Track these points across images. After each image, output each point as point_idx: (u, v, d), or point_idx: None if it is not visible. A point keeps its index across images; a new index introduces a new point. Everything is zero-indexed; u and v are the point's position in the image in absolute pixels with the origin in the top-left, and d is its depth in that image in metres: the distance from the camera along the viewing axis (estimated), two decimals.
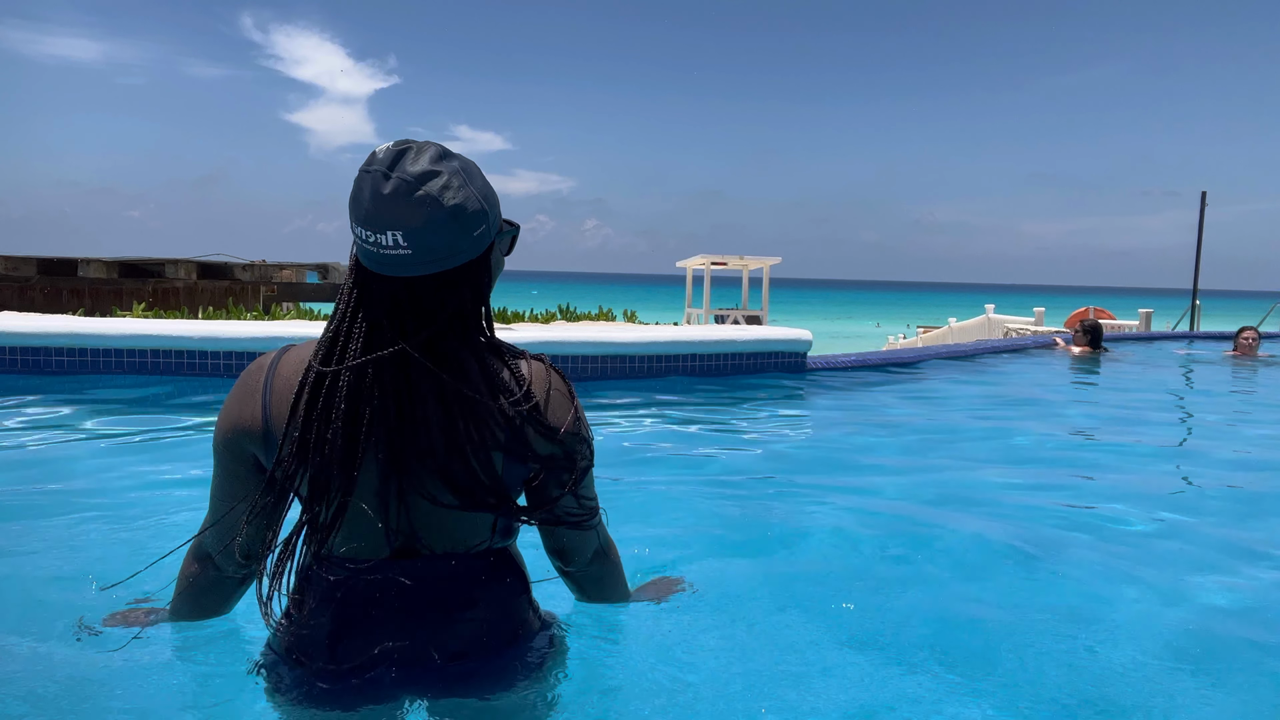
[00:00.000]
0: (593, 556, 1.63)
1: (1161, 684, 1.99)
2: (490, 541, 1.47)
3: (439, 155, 1.32)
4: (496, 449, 1.37)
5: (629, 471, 3.89)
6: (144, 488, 3.32)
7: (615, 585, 1.72)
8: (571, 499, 1.49)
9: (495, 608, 1.49)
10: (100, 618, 1.83)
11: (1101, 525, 3.19)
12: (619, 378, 6.30)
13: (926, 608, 2.35)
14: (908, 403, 6.21)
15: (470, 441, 1.34)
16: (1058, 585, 2.58)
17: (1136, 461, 4.43)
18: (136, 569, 2.48)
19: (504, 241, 1.44)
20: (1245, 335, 9.91)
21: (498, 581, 1.50)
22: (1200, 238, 16.18)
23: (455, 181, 1.30)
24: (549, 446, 1.43)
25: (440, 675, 1.42)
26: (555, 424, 1.43)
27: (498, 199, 1.40)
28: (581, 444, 1.47)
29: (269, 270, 13.40)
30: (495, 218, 1.37)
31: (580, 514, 1.52)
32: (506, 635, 1.50)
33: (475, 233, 1.32)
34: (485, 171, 1.41)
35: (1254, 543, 3.00)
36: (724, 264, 15.15)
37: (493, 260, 1.40)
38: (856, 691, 1.87)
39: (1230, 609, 2.44)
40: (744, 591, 2.42)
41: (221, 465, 1.48)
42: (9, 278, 11.78)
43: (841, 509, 3.28)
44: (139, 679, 1.74)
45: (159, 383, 5.57)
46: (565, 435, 1.44)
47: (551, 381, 1.47)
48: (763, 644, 2.07)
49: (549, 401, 1.44)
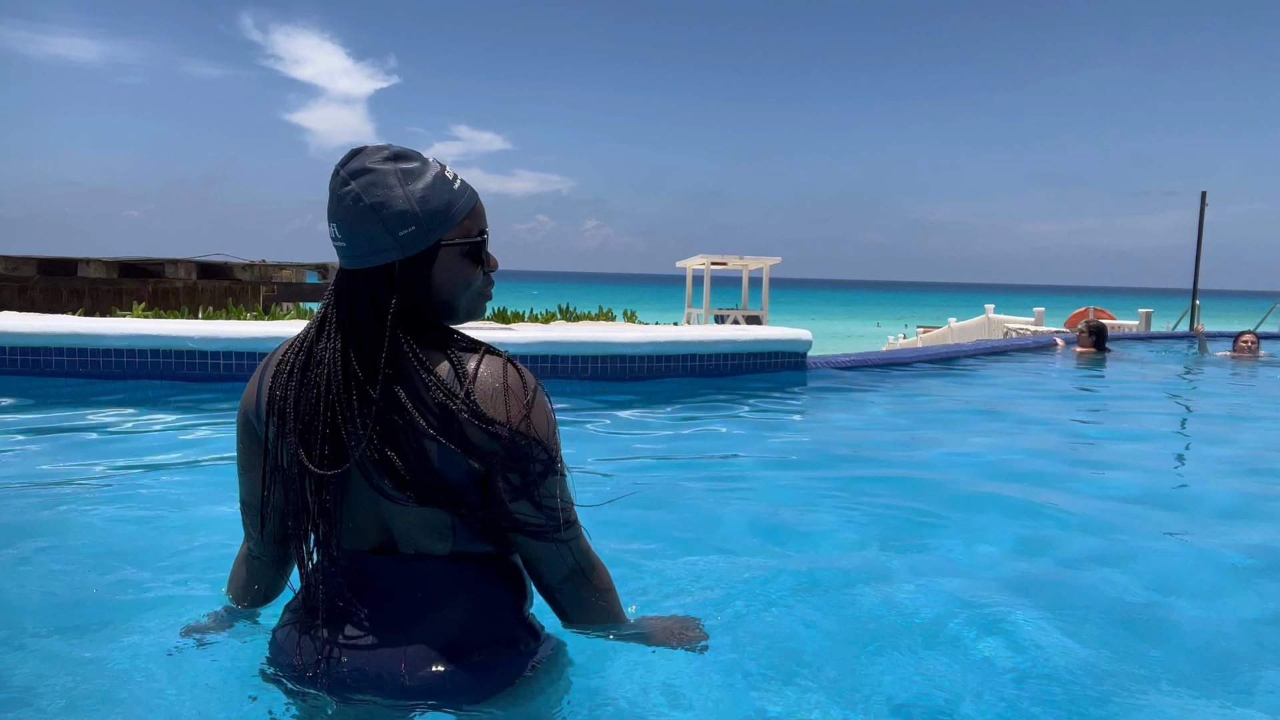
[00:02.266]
0: (568, 575, 1.52)
1: (1163, 682, 1.99)
2: (454, 543, 1.45)
3: (387, 156, 1.39)
4: (426, 438, 1.36)
5: (628, 471, 3.89)
6: (144, 488, 3.32)
7: (598, 612, 1.58)
8: (527, 504, 1.42)
9: (465, 615, 1.47)
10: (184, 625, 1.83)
11: (1104, 526, 3.19)
12: (619, 378, 6.29)
13: (926, 607, 2.35)
14: (908, 403, 6.21)
15: (399, 430, 1.36)
16: (1061, 585, 2.57)
17: (1140, 460, 4.43)
18: (137, 568, 2.48)
19: (456, 251, 1.42)
20: (1244, 340, 10.00)
21: (472, 589, 1.48)
22: (1200, 238, 16.19)
23: (389, 180, 1.36)
24: (488, 441, 1.37)
25: (398, 680, 1.42)
26: (494, 416, 1.37)
27: (451, 208, 1.40)
28: (532, 444, 1.39)
29: (269, 270, 13.40)
30: (434, 223, 1.38)
31: (537, 521, 1.43)
32: (474, 646, 1.46)
33: (400, 233, 1.36)
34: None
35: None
36: (724, 264, 15.15)
37: (440, 266, 1.41)
38: (857, 692, 1.87)
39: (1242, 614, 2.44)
40: (743, 592, 2.42)
41: (238, 442, 1.58)
42: (9, 278, 11.77)
43: (842, 509, 3.28)
44: (161, 680, 1.74)
45: (159, 383, 5.58)
46: (509, 431, 1.37)
47: (504, 376, 1.40)
48: (762, 644, 2.07)
49: (491, 395, 1.37)
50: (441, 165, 1.45)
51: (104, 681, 1.76)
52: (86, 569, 2.41)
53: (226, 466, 3.71)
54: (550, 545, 1.48)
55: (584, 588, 1.55)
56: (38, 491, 3.20)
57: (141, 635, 1.96)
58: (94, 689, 1.73)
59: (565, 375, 6.18)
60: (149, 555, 2.54)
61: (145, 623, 2.03)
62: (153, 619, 2.05)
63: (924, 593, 2.46)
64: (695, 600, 2.33)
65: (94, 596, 2.23)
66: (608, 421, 5.04)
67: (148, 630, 1.98)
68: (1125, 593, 2.53)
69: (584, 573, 1.54)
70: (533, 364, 6.11)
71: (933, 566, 2.68)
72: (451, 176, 1.44)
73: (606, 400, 5.67)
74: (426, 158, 1.44)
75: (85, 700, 1.68)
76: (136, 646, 1.89)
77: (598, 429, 4.82)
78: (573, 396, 5.77)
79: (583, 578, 1.54)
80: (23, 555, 2.51)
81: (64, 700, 1.68)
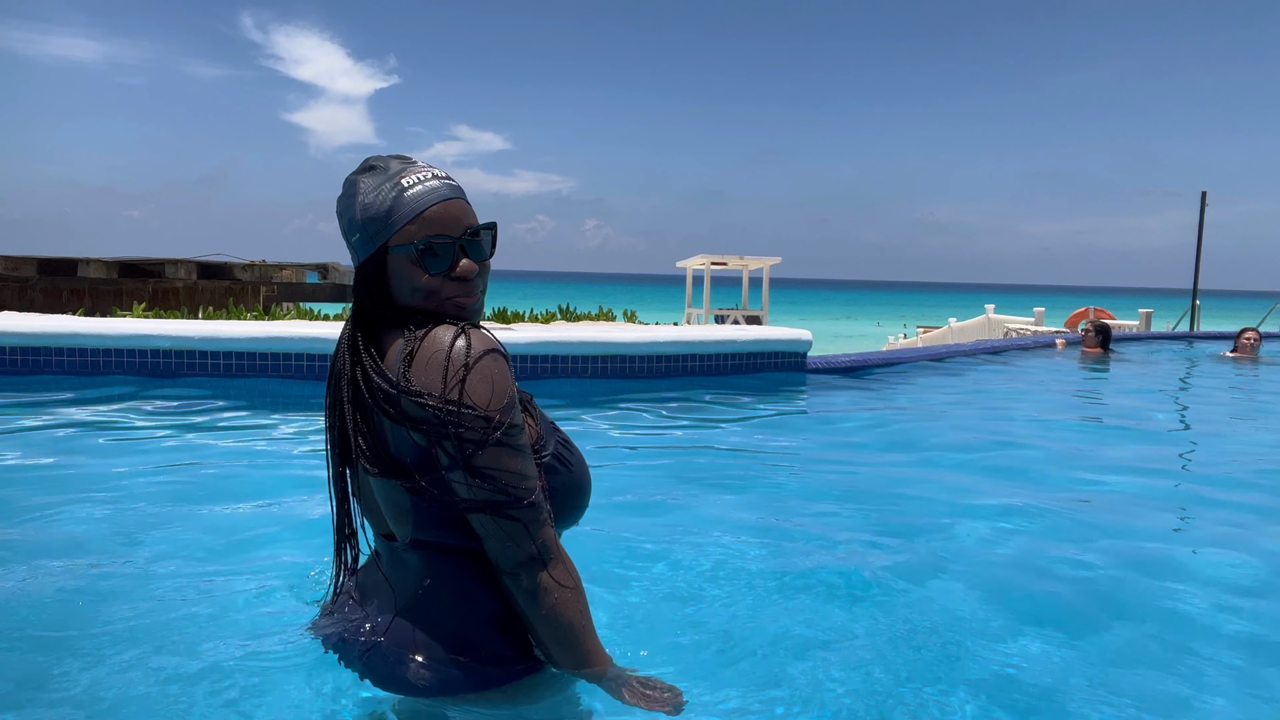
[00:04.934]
0: (524, 561, 1.43)
1: (1166, 679, 1.99)
2: (414, 527, 1.47)
3: (362, 168, 1.51)
4: (377, 414, 1.42)
5: (627, 471, 3.89)
6: (144, 487, 3.31)
7: (557, 617, 1.45)
8: (463, 473, 1.37)
9: (426, 608, 1.50)
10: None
11: (1105, 527, 3.19)
12: (619, 378, 6.29)
13: (926, 607, 2.35)
14: (908, 403, 6.21)
15: (368, 410, 1.43)
16: (1064, 587, 2.57)
17: (1140, 460, 4.42)
18: (136, 569, 2.48)
19: (402, 256, 1.44)
20: (1246, 336, 9.93)
21: (435, 583, 1.49)
22: (1200, 238, 16.18)
23: (351, 191, 1.49)
24: (418, 410, 1.37)
25: (361, 660, 1.54)
26: (422, 386, 1.37)
27: (391, 216, 1.44)
28: (462, 410, 1.36)
29: (269, 270, 13.39)
30: (373, 230, 1.45)
31: (481, 495, 1.38)
32: (423, 643, 1.49)
33: (352, 239, 1.49)
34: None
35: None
36: (724, 264, 15.14)
37: (390, 270, 1.47)
38: (854, 693, 1.87)
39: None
40: (743, 592, 2.42)
41: None
42: (9, 278, 11.77)
43: (842, 509, 3.28)
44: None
45: (159, 383, 5.57)
46: (437, 400, 1.36)
47: (447, 347, 1.38)
48: (761, 644, 2.07)
49: (426, 366, 1.37)
50: (405, 171, 1.47)
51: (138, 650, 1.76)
52: (86, 569, 2.41)
53: (226, 466, 3.71)
54: (503, 523, 1.40)
55: (541, 579, 1.44)
56: (38, 492, 3.20)
57: (141, 635, 1.96)
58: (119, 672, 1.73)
59: (565, 375, 6.18)
60: (150, 556, 2.54)
61: (145, 617, 2.03)
62: (152, 617, 2.05)
63: (924, 593, 2.46)
64: (694, 600, 2.33)
65: (94, 596, 2.23)
66: (608, 421, 5.04)
67: (147, 632, 1.98)
68: (1143, 595, 2.53)
69: (543, 562, 1.44)
70: (533, 364, 6.11)
71: (933, 567, 2.68)
72: (410, 183, 1.45)
73: (606, 400, 5.67)
74: (393, 165, 1.48)
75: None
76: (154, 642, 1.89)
77: (598, 429, 4.82)
78: (573, 396, 5.77)
79: (541, 567, 1.44)
80: (22, 555, 2.51)
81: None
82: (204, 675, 1.76)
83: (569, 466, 1.58)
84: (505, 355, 1.43)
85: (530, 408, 1.59)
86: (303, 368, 5.79)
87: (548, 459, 1.53)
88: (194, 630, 2.01)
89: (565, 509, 1.58)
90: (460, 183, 1.50)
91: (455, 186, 1.49)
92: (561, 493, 1.55)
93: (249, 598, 2.19)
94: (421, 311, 1.47)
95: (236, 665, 1.79)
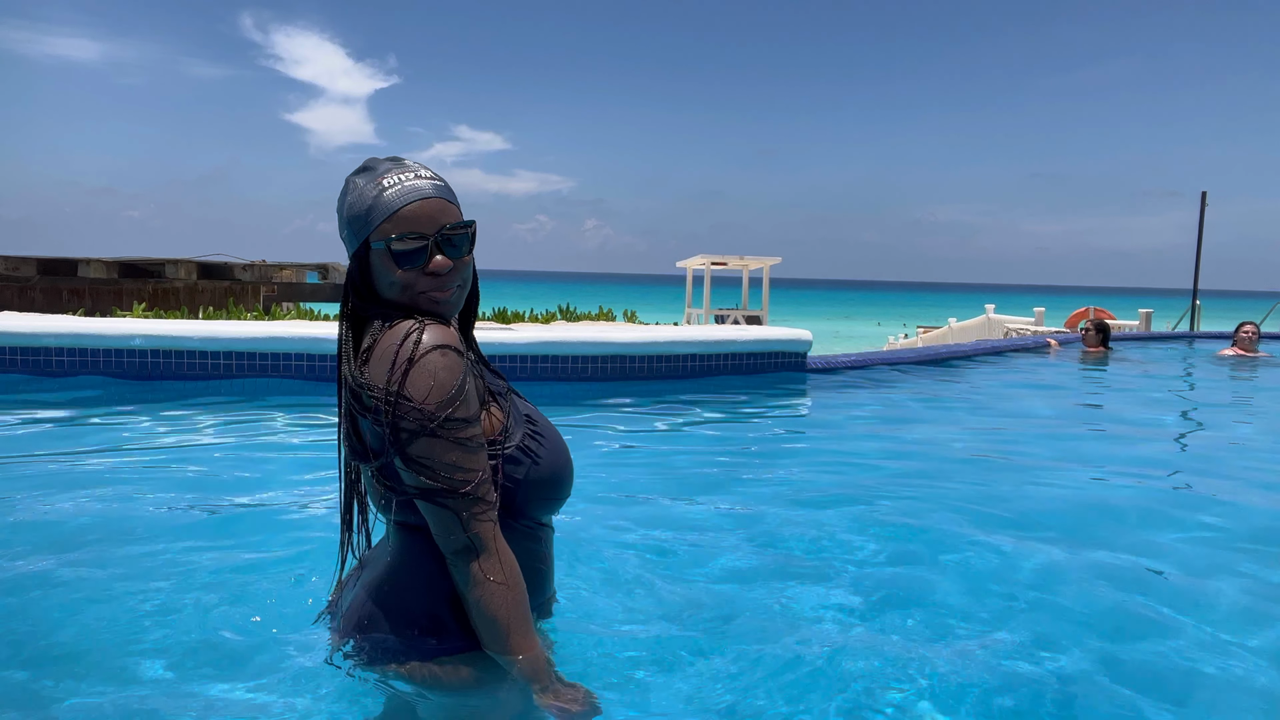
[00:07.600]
0: (461, 549, 1.49)
1: (1166, 679, 1.99)
2: (394, 511, 1.58)
3: (358, 170, 1.58)
4: (347, 403, 1.53)
5: (627, 471, 3.89)
6: (144, 487, 3.31)
7: (484, 609, 1.50)
8: (399, 460, 1.47)
9: (379, 583, 1.62)
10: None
11: (1106, 526, 3.19)
12: (619, 378, 6.30)
13: (926, 607, 2.35)
14: (908, 403, 6.21)
15: (341, 391, 1.55)
16: (1065, 587, 2.57)
17: (1143, 459, 4.43)
18: (136, 568, 2.48)
19: (380, 252, 1.53)
20: (1245, 330, 9.90)
21: (399, 559, 1.61)
22: (1200, 238, 16.18)
23: (343, 191, 1.58)
24: (370, 400, 1.48)
25: (338, 630, 1.68)
26: (373, 377, 1.47)
27: (370, 214, 1.53)
28: (400, 401, 1.44)
29: (269, 270, 13.39)
30: (356, 228, 1.55)
31: (418, 483, 1.46)
32: (378, 615, 1.61)
33: (341, 236, 1.60)
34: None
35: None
36: (724, 264, 15.14)
37: (372, 265, 1.56)
38: (854, 694, 1.87)
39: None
40: (741, 592, 2.42)
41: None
42: (9, 278, 11.78)
43: (842, 509, 3.28)
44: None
45: (159, 383, 5.58)
46: (380, 391, 1.45)
47: (398, 342, 1.47)
48: (761, 644, 2.07)
49: (380, 359, 1.48)
50: (390, 172, 1.54)
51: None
52: (86, 568, 2.41)
53: (226, 466, 3.71)
54: (438, 511, 1.48)
55: (473, 569, 1.49)
56: (38, 492, 3.20)
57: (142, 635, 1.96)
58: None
59: (565, 375, 6.18)
60: (148, 555, 2.54)
61: (146, 617, 2.03)
62: (153, 617, 2.05)
63: (924, 593, 2.47)
64: (694, 599, 2.33)
65: (92, 596, 2.23)
66: (608, 421, 5.04)
67: (149, 627, 1.98)
68: (1142, 595, 2.53)
69: (475, 552, 1.50)
70: (533, 364, 6.11)
71: (933, 567, 2.68)
72: (390, 183, 1.53)
73: (606, 400, 5.67)
74: (382, 166, 1.55)
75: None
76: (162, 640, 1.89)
77: (598, 429, 4.82)
78: (573, 397, 5.77)
79: (474, 557, 1.50)
80: (22, 555, 2.51)
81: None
82: (216, 670, 1.76)
83: (536, 458, 1.63)
84: (458, 351, 1.50)
85: (499, 400, 1.63)
86: (302, 368, 5.79)
87: (511, 451, 1.59)
88: (194, 630, 2.02)
89: (534, 499, 1.64)
90: (460, 183, 1.57)
91: (440, 186, 1.57)
92: (527, 484, 1.61)
93: (249, 598, 2.19)
94: (399, 305, 1.56)
95: (238, 666, 1.79)
